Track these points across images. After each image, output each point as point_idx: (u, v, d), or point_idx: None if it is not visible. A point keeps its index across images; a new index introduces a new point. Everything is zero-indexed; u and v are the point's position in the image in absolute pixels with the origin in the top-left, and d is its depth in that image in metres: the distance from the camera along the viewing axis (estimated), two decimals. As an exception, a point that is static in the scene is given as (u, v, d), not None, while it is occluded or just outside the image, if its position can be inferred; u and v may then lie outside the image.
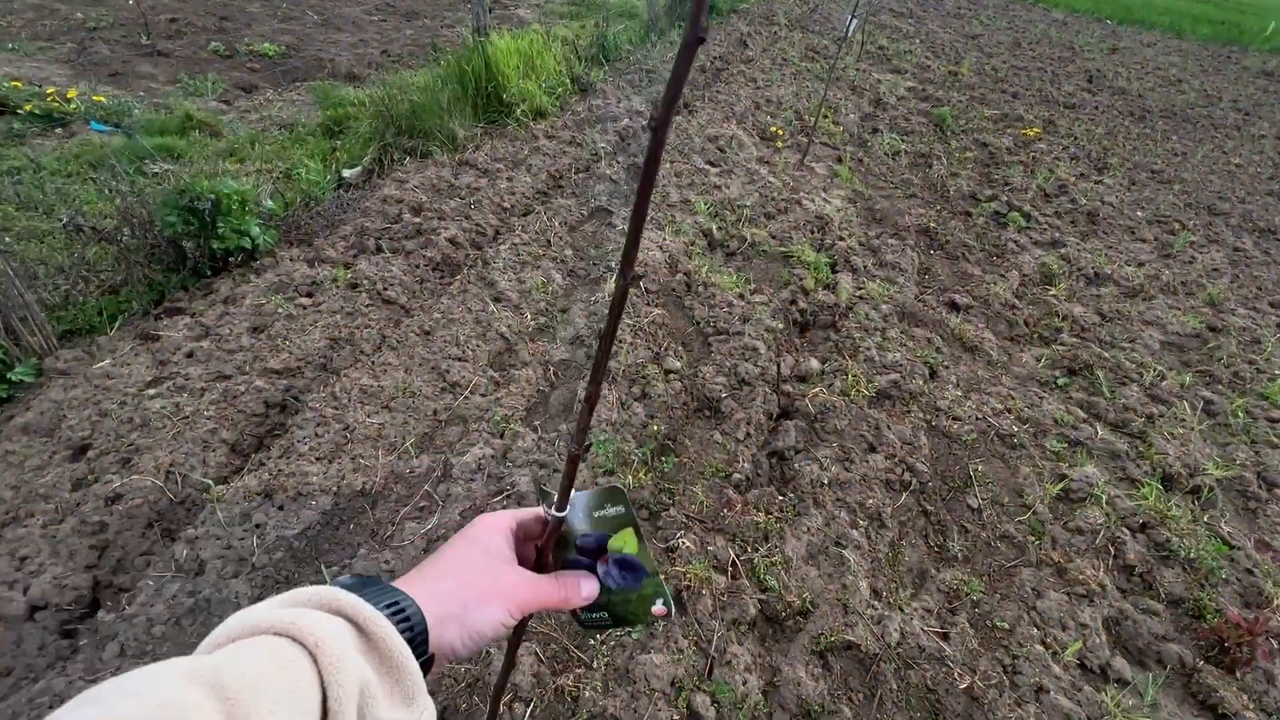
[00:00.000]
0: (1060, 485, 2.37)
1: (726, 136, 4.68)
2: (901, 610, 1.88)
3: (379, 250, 2.96)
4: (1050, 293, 3.61)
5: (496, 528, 0.55)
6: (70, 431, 1.90)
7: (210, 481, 1.80)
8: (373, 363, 2.29)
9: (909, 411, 2.59)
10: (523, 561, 0.57)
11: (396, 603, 0.44)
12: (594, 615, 0.61)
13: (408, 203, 3.31)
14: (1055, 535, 2.20)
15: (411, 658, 0.40)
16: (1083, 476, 2.39)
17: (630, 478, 2.07)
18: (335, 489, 1.83)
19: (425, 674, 0.44)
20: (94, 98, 4.17)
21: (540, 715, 1.45)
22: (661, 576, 0.62)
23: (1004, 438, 2.57)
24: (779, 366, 2.62)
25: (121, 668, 1.44)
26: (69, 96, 4.07)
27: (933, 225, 4.14)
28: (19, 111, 3.89)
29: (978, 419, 2.63)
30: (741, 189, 4.04)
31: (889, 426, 2.46)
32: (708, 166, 4.27)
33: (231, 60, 5.35)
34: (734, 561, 1.88)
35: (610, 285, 2.93)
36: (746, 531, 1.97)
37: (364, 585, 0.44)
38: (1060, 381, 2.97)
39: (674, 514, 1.97)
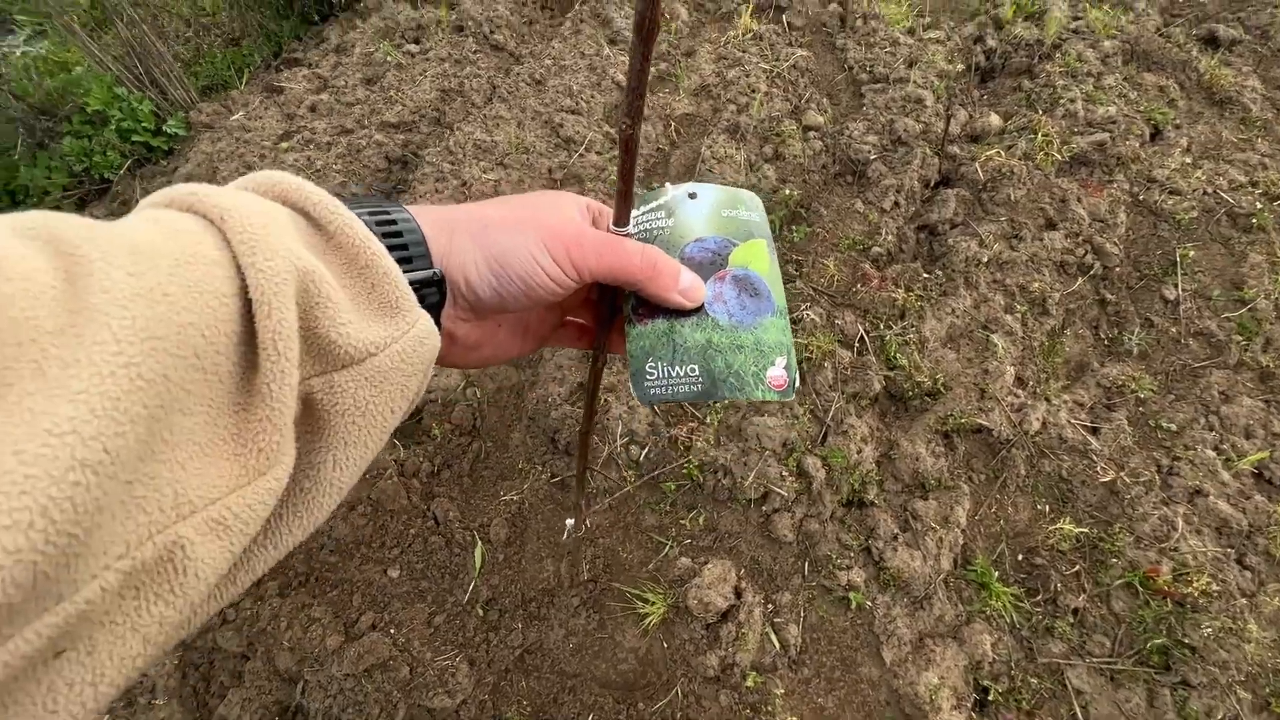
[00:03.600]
0: (1301, 279, 1.89)
1: None
2: (1048, 401, 1.71)
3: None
4: (1375, 17, 2.54)
5: (570, 195, 0.42)
6: (225, 182, 2.03)
7: (347, 231, 1.90)
8: (484, 115, 2.16)
9: (1110, 181, 2.09)
10: None
11: (381, 209, 0.34)
12: (676, 371, 0.40)
13: (510, -77, 2.83)
14: (1272, 336, 1.82)
15: (388, 257, 0.30)
16: (1338, 269, 1.88)
17: (754, 246, 1.91)
18: (459, 244, 1.86)
19: (439, 300, 0.35)
20: None
21: (654, 458, 1.55)
22: (791, 328, 0.44)
23: (1236, 218, 2.04)
24: (948, 123, 2.15)
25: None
26: None
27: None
28: None
29: (1205, 194, 2.08)
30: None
31: (1080, 199, 2.02)
32: None
33: None
34: (863, 337, 1.75)
35: (746, 19, 2.44)
36: (880, 308, 1.80)
37: (352, 201, 0.33)
38: (1346, 146, 2.21)
39: (800, 286, 1.83)
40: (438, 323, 0.35)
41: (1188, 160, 2.16)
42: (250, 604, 1.36)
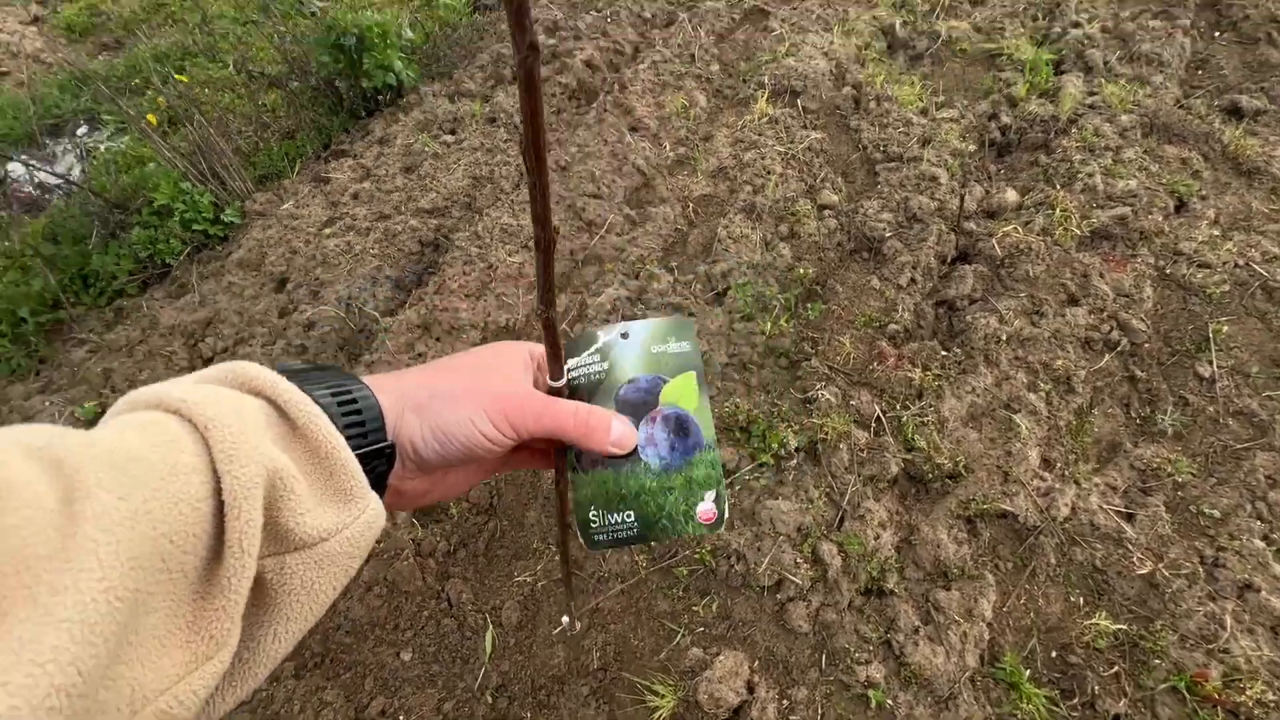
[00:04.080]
0: (1347, 355, 1.81)
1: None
2: (1077, 484, 1.65)
3: (515, 80, 2.83)
4: (1407, 84, 2.51)
5: (518, 347, 0.45)
6: (272, 266, 2.19)
7: (378, 314, 2.01)
8: (512, 201, 2.29)
9: (1134, 255, 2.06)
10: None
11: (343, 389, 0.36)
12: (614, 519, 0.43)
13: (542, 22, 3.07)
14: (1321, 417, 1.73)
15: (346, 449, 0.33)
16: (1388, 345, 1.79)
17: (769, 324, 1.94)
18: (483, 324, 1.94)
19: (388, 469, 0.38)
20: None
21: (670, 542, 1.54)
22: (721, 462, 0.46)
23: (1271, 291, 1.98)
24: (963, 199, 2.18)
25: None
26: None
27: (1225, -8, 2.97)
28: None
29: (1236, 266, 2.03)
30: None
31: (1102, 274, 2.00)
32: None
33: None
34: (879, 417, 1.73)
35: (762, 104, 2.55)
36: (897, 387, 1.79)
37: (312, 371, 0.37)
38: (1387, 215, 2.15)
39: (815, 364, 1.84)
40: (384, 488, 0.39)
41: (1216, 232, 2.12)
42: (266, 685, 1.38)
